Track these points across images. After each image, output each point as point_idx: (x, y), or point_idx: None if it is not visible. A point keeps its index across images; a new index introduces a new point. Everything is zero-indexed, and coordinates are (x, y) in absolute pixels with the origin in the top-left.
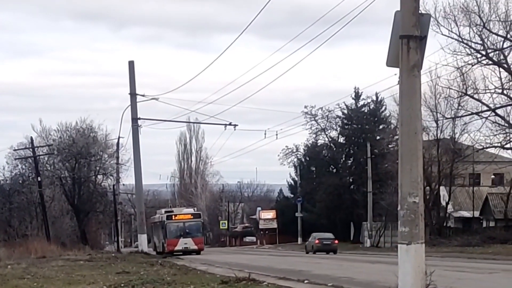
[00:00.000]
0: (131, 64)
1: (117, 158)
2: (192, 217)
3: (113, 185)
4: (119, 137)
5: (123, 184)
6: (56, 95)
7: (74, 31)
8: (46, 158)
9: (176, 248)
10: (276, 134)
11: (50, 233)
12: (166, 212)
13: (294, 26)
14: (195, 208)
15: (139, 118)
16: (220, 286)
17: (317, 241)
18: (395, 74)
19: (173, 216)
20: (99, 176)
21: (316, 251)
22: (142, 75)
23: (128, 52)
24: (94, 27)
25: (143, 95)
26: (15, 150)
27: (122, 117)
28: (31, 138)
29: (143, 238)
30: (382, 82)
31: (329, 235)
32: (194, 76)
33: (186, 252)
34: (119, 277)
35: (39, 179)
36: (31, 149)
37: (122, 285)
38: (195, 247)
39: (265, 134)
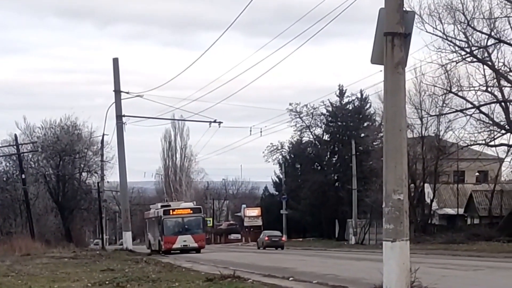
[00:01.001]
0: (115, 61)
1: (102, 155)
2: (191, 211)
3: (98, 183)
4: (103, 135)
5: (108, 182)
6: (41, 92)
7: (59, 28)
8: (30, 156)
9: (174, 246)
10: (261, 131)
11: (35, 230)
12: (162, 206)
13: (280, 24)
14: (195, 202)
15: (124, 116)
16: (205, 284)
17: (266, 238)
18: (380, 71)
19: (171, 211)
20: (84, 174)
21: (265, 246)
22: (128, 72)
23: (114, 50)
24: (80, 25)
25: (127, 92)
26: None
27: (107, 114)
28: (15, 135)
29: (127, 236)
30: (367, 80)
31: (277, 232)
32: (178, 73)
33: (185, 250)
34: (103, 274)
35: (23, 176)
36: (15, 147)
37: (107, 282)
38: (195, 244)
39: (250, 131)
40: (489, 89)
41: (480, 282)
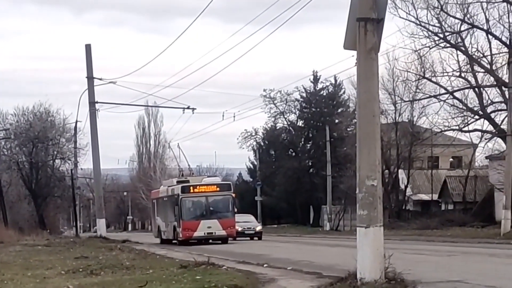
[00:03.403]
0: (87, 47)
1: (75, 142)
2: (218, 189)
3: (71, 170)
4: (76, 121)
5: (81, 169)
6: (15, 79)
7: (35, 15)
8: (3, 143)
9: (196, 234)
10: (234, 116)
11: (8, 218)
12: (179, 182)
13: (259, 9)
14: (220, 177)
15: (97, 102)
16: (179, 271)
17: None
18: (353, 56)
19: (191, 188)
20: (57, 161)
21: None
22: (104, 59)
23: (90, 36)
24: (56, 11)
25: (100, 79)
26: None
27: (80, 101)
28: None
29: (101, 223)
30: (340, 65)
31: None
32: (151, 59)
33: (210, 239)
34: (77, 262)
35: None
36: None
37: (81, 270)
38: (223, 232)
39: (223, 116)
40: (462, 75)
41: (454, 268)
